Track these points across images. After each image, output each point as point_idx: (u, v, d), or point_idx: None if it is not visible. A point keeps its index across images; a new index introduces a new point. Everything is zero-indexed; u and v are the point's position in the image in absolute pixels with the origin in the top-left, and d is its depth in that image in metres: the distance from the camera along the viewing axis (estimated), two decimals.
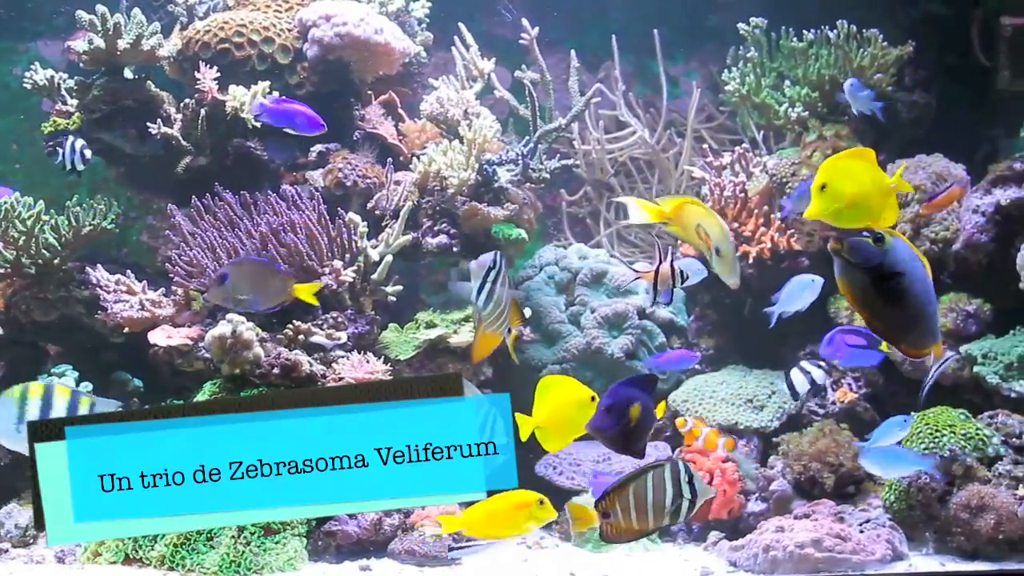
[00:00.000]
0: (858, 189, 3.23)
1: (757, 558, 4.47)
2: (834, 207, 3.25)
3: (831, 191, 3.23)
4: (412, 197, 5.64)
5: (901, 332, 2.91)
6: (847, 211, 3.28)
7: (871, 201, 3.27)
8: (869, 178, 3.27)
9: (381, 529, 4.84)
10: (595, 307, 5.80)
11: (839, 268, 2.80)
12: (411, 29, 6.42)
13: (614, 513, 3.50)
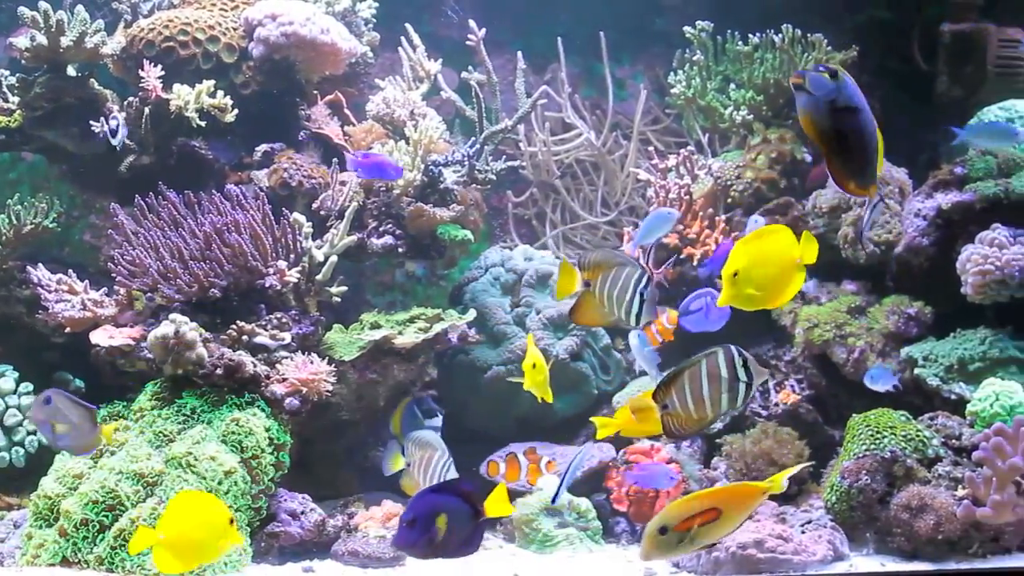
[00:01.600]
0: (767, 273, 3.36)
1: (700, 559, 4.49)
2: (745, 293, 3.37)
3: (743, 278, 3.36)
4: (357, 198, 5.62)
5: (852, 166, 3.09)
6: (757, 296, 3.39)
7: (779, 282, 3.39)
8: (777, 260, 3.39)
9: (324, 530, 4.82)
10: (540, 308, 5.80)
11: (802, 102, 2.94)
12: (358, 29, 6.40)
13: (671, 404, 3.48)
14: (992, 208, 5.23)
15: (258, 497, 4.68)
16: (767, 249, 3.43)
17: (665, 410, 3.50)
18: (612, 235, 6.70)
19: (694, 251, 5.71)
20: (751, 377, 3.48)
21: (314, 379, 4.96)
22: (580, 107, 6.88)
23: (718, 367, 3.46)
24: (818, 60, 6.07)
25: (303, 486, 4.99)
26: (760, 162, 5.90)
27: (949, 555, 4.49)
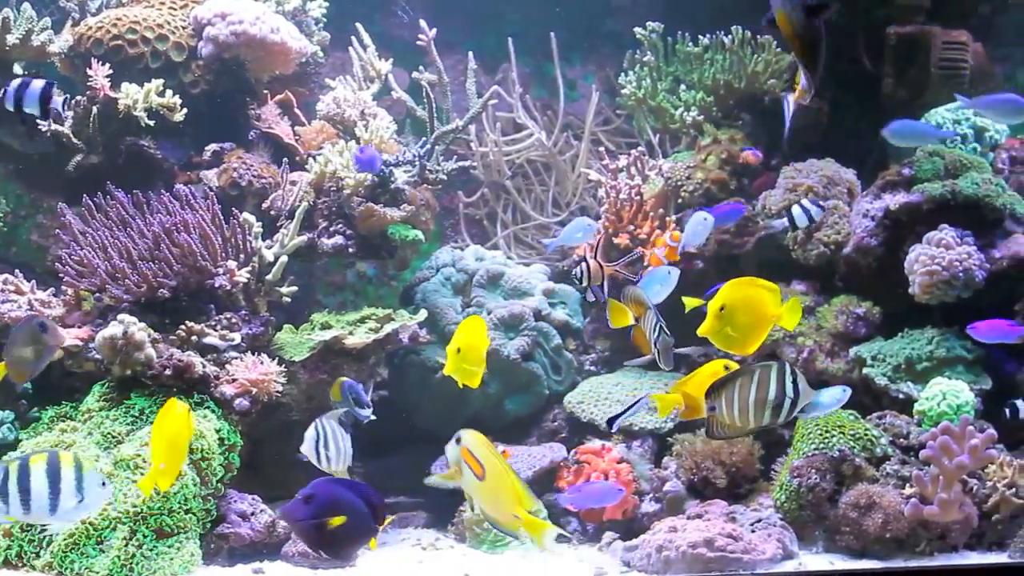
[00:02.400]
0: (747, 322, 3.50)
1: (650, 558, 4.51)
2: (725, 330, 3.49)
3: (727, 316, 3.50)
4: (308, 197, 5.61)
5: (816, 65, 3.35)
6: (732, 337, 3.52)
7: (753, 332, 3.53)
8: (760, 311, 3.54)
9: (275, 531, 4.80)
10: (491, 308, 5.80)
11: (777, 3, 3.12)
12: (308, 29, 6.38)
13: (719, 406, 3.53)
14: (939, 209, 5.28)
15: (208, 499, 4.65)
16: (755, 298, 3.59)
17: (712, 412, 3.56)
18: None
19: (645, 251, 5.73)
20: (798, 395, 3.55)
21: (264, 380, 4.94)
22: (531, 107, 6.89)
23: (769, 380, 3.52)
24: (768, 62, 6.11)
25: (253, 487, 4.97)
26: (710, 163, 5.93)
27: (897, 553, 4.53)
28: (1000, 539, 4.58)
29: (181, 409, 3.90)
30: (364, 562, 4.77)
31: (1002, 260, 5.22)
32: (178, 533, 4.49)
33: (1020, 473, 4.60)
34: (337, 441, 4.14)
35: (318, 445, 4.15)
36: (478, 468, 3.36)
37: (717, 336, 3.66)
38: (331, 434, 4.14)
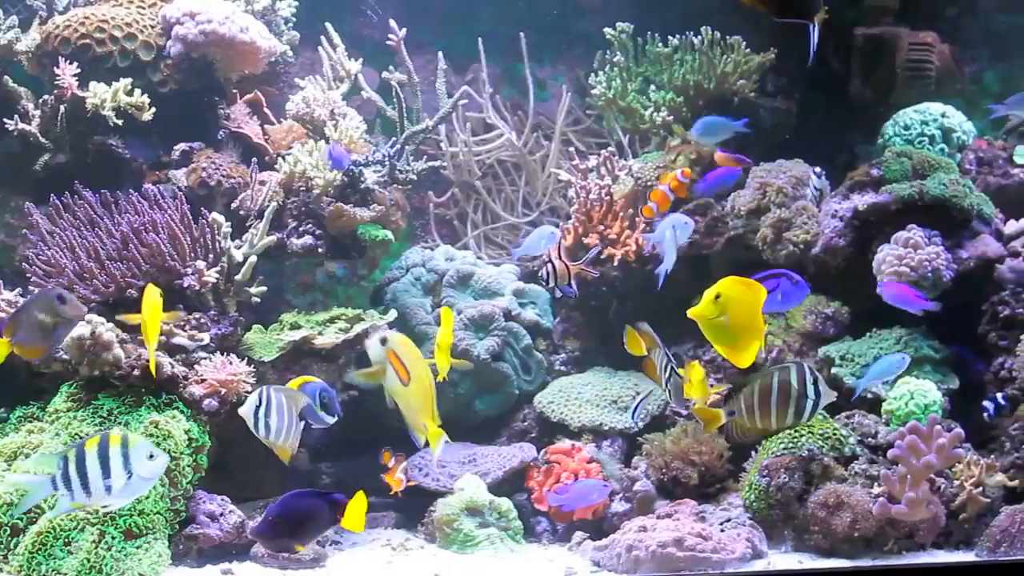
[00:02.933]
0: (741, 320, 3.49)
1: (620, 558, 4.51)
2: (718, 318, 3.48)
3: (722, 306, 3.48)
4: (277, 197, 5.59)
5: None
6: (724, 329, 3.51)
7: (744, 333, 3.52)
8: (753, 314, 3.52)
9: (244, 532, 4.78)
10: (461, 308, 5.80)
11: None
12: (277, 28, 6.36)
13: (739, 410, 3.54)
14: (907, 209, 5.31)
15: (177, 499, 4.64)
16: (750, 298, 3.58)
17: (731, 416, 3.57)
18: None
19: (614, 251, 5.74)
20: (819, 396, 3.56)
21: (233, 380, 4.92)
22: (501, 107, 6.89)
23: (789, 382, 3.53)
24: (737, 63, 6.12)
25: (222, 487, 4.95)
26: (680, 163, 5.93)
27: (865, 552, 4.55)
28: (967, 538, 4.61)
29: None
30: (333, 563, 4.77)
31: (969, 260, 5.25)
32: (147, 534, 4.47)
33: (987, 472, 4.63)
34: (282, 414, 4.09)
35: (258, 411, 4.10)
36: (404, 373, 3.43)
37: (709, 327, 3.64)
38: (276, 406, 4.09)
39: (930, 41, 6.14)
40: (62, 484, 3.64)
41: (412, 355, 3.56)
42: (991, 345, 5.20)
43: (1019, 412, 4.90)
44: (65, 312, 3.99)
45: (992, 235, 5.40)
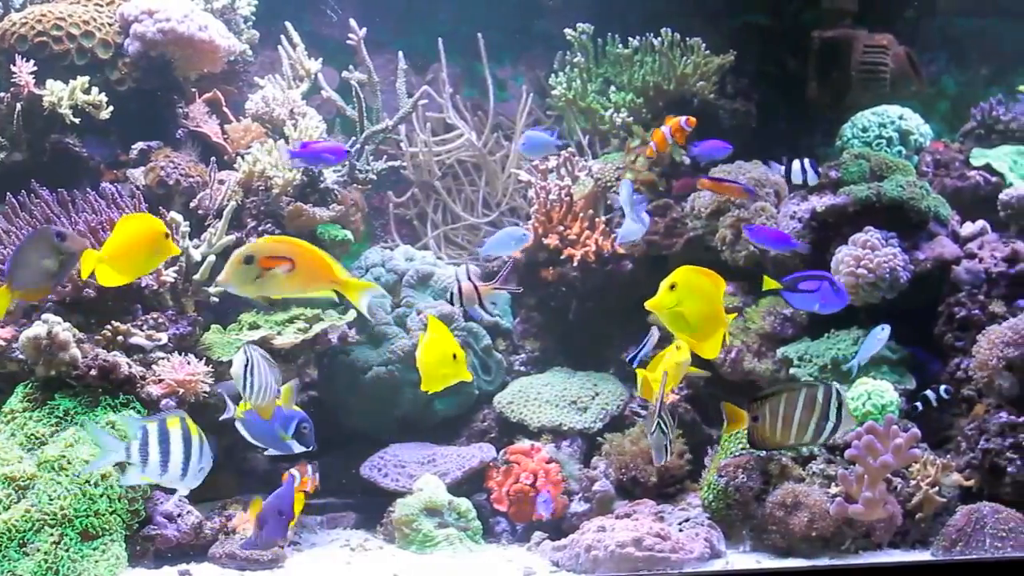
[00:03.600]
0: (701, 309, 3.49)
1: (579, 558, 4.52)
2: (675, 309, 3.48)
3: (679, 295, 3.48)
4: (236, 197, 5.56)
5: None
6: (683, 319, 3.50)
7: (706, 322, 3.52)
8: (713, 302, 3.53)
9: (202, 533, 4.76)
10: (421, 309, 5.79)
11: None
12: (237, 27, 6.34)
13: (762, 416, 3.54)
14: (865, 211, 5.34)
15: (134, 501, 4.61)
16: (708, 288, 3.59)
17: (755, 422, 3.58)
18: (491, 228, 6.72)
19: (574, 252, 5.74)
20: (839, 421, 3.58)
21: (191, 380, 4.90)
22: (461, 108, 6.89)
23: (815, 401, 3.55)
24: (696, 64, 6.15)
25: None
26: (640, 164, 5.95)
27: (822, 551, 4.57)
28: (923, 537, 4.64)
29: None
30: (292, 563, 4.75)
31: (926, 262, 5.29)
32: (103, 535, 4.44)
33: (943, 472, 4.67)
34: (264, 374, 4.04)
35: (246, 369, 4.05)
36: (283, 262, 3.45)
37: (669, 317, 3.65)
38: (259, 365, 4.05)
39: (885, 43, 6.18)
40: (138, 455, 3.67)
41: (281, 244, 3.59)
42: (947, 346, 5.23)
43: (975, 412, 4.94)
44: (67, 248, 3.88)
45: (949, 237, 5.44)
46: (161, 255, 4.04)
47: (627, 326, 5.69)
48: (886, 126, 6.04)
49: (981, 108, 6.39)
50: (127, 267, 3.91)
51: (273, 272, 3.48)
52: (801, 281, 4.70)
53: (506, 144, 6.82)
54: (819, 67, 6.40)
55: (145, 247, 3.90)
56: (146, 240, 3.89)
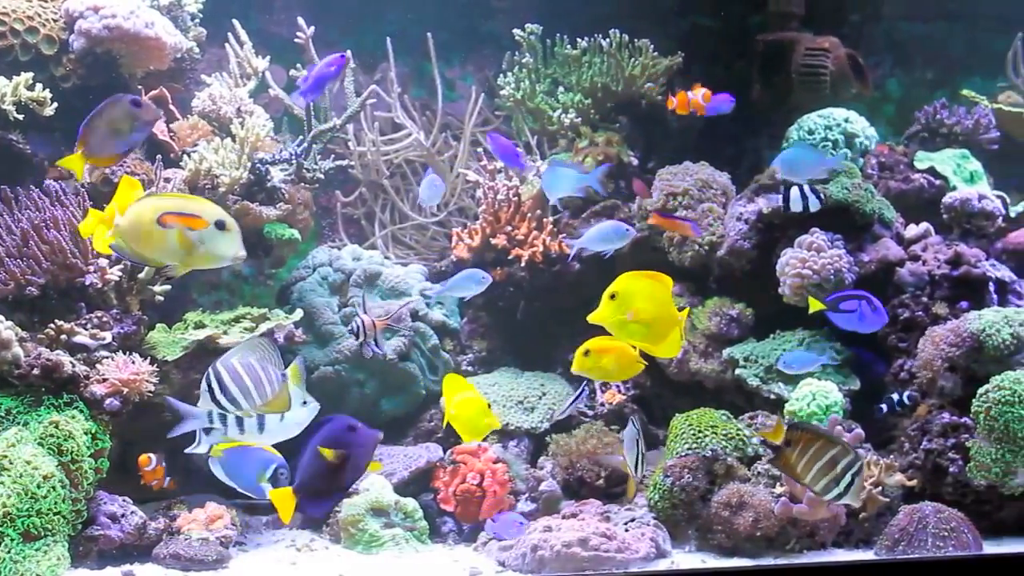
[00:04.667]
0: (650, 312, 3.49)
1: (525, 558, 4.53)
2: (619, 318, 3.47)
3: (623, 303, 3.47)
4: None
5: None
6: (632, 326, 3.50)
7: (657, 324, 3.52)
8: (660, 303, 3.52)
9: (146, 533, 4.73)
10: (368, 308, 5.78)
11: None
12: (184, 24, 6.28)
13: (793, 445, 3.57)
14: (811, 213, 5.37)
15: (77, 501, 4.57)
16: (651, 289, 3.58)
17: (785, 446, 3.60)
18: (441, 236, 6.71)
19: (522, 252, 5.75)
20: (845, 492, 3.62)
21: (135, 379, 4.86)
22: (410, 107, 6.87)
23: (836, 464, 3.58)
24: (644, 66, 6.17)
25: (125, 488, 4.89)
26: (587, 164, 5.96)
27: (767, 551, 4.60)
28: (867, 536, 4.68)
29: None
30: (237, 564, 4.73)
31: (871, 263, 5.34)
32: (46, 536, 4.40)
33: (886, 472, 4.71)
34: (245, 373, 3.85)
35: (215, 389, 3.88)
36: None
37: (615, 328, 3.66)
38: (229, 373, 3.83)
39: (826, 46, 6.22)
40: (218, 420, 3.75)
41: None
42: (891, 347, 5.28)
43: (918, 412, 4.98)
44: (141, 115, 3.85)
45: (893, 239, 5.49)
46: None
47: (574, 326, 5.68)
48: (832, 129, 6.08)
49: (925, 111, 6.46)
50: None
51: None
52: (842, 301, 4.75)
53: (454, 144, 6.82)
54: (763, 69, 6.44)
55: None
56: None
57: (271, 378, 3.81)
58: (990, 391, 4.65)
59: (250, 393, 3.78)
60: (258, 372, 3.81)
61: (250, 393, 3.78)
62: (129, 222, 3.38)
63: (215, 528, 4.77)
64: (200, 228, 3.33)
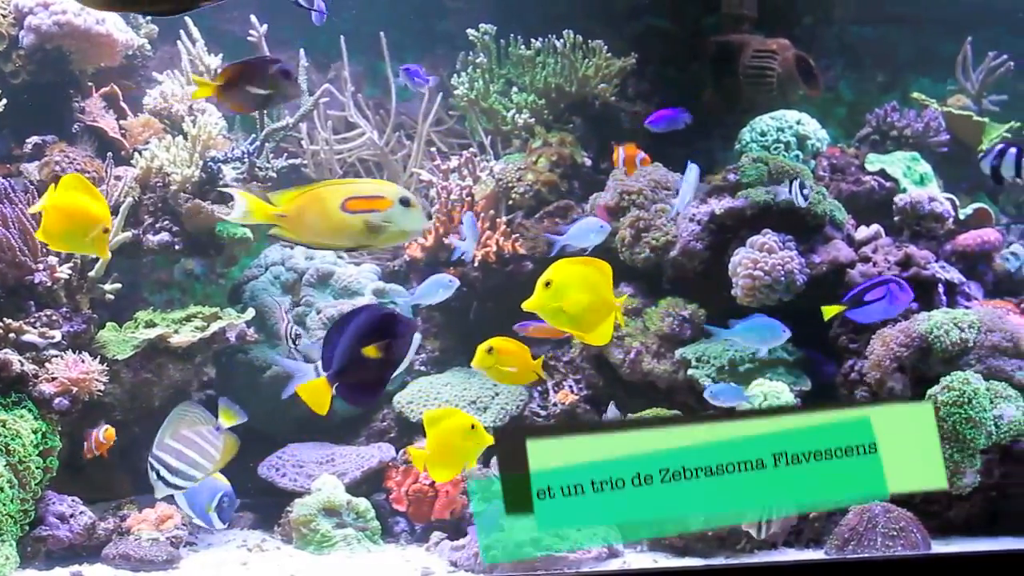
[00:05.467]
0: (582, 300, 3.48)
1: (477, 558, 4.52)
2: (554, 306, 3.47)
3: (557, 292, 3.47)
4: (133, 193, 5.49)
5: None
6: (566, 313, 3.50)
7: (590, 312, 3.52)
8: (596, 290, 3.52)
9: (95, 534, 4.70)
10: (321, 308, 5.77)
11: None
12: (135, 21, 6.24)
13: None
14: (763, 214, 5.41)
15: (26, 501, 4.53)
16: (586, 276, 3.58)
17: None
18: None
19: (475, 252, 5.74)
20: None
21: (85, 378, 4.83)
22: (363, 106, 6.85)
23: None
24: (598, 66, 6.18)
25: (74, 488, 4.86)
26: (541, 165, 5.97)
27: (718, 551, 4.62)
28: (817, 536, 4.71)
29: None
30: (188, 564, 4.71)
31: (822, 265, 5.37)
32: None
33: None
34: (182, 455, 3.99)
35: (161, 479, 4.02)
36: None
37: (550, 315, 3.65)
38: (173, 457, 3.99)
39: (774, 48, 6.24)
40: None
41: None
42: (841, 348, 5.31)
43: None
44: (286, 89, 4.00)
45: (844, 240, 5.52)
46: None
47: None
48: (784, 131, 6.11)
49: (876, 114, 6.50)
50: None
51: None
52: (866, 293, 4.76)
53: (408, 143, 6.80)
54: (714, 71, 6.48)
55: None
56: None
57: (210, 439, 3.86)
58: (938, 392, 4.69)
59: (198, 463, 3.87)
60: (196, 440, 3.87)
61: (198, 463, 3.87)
62: (310, 213, 3.29)
63: (165, 528, 4.75)
64: (385, 208, 3.29)
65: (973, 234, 5.78)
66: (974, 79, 6.88)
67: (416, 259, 5.90)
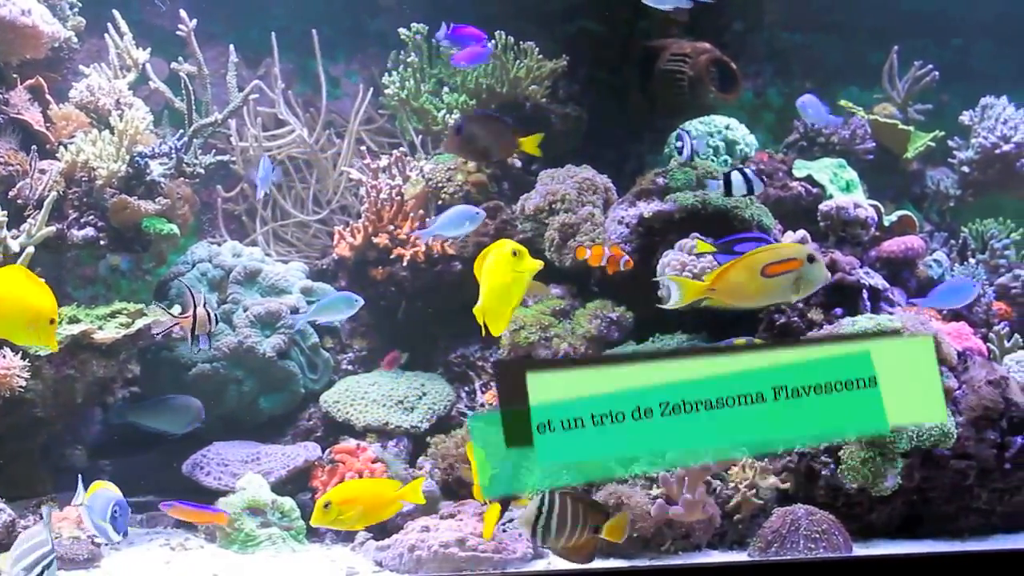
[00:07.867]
0: (490, 280, 3.58)
1: (402, 558, 4.51)
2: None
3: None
4: (58, 187, 5.42)
5: None
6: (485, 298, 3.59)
7: (496, 298, 3.61)
8: (503, 277, 3.63)
9: (14, 531, 4.64)
10: (248, 305, 5.73)
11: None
12: (62, 13, 6.16)
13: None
14: (691, 217, 5.43)
15: None
16: (503, 259, 3.61)
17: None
18: (323, 233, 6.67)
19: (404, 252, 5.74)
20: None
21: (6, 374, 4.76)
22: (294, 104, 6.82)
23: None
24: (529, 68, 6.19)
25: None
26: (471, 165, 5.97)
27: (643, 552, 4.63)
28: (741, 538, 4.73)
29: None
30: (109, 563, 4.66)
31: None
32: None
33: (760, 475, 4.77)
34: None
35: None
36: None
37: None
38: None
39: (688, 51, 6.28)
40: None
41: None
42: None
43: None
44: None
45: None
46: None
47: (455, 327, 5.71)
48: (713, 135, 6.16)
49: (804, 121, 6.56)
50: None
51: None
52: (737, 244, 4.77)
53: (337, 141, 6.78)
54: (639, 74, 6.51)
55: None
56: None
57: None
58: None
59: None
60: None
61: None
62: (736, 284, 3.76)
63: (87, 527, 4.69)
64: (798, 268, 3.74)
65: (897, 241, 5.85)
66: (900, 88, 6.98)
67: (345, 257, 5.89)
